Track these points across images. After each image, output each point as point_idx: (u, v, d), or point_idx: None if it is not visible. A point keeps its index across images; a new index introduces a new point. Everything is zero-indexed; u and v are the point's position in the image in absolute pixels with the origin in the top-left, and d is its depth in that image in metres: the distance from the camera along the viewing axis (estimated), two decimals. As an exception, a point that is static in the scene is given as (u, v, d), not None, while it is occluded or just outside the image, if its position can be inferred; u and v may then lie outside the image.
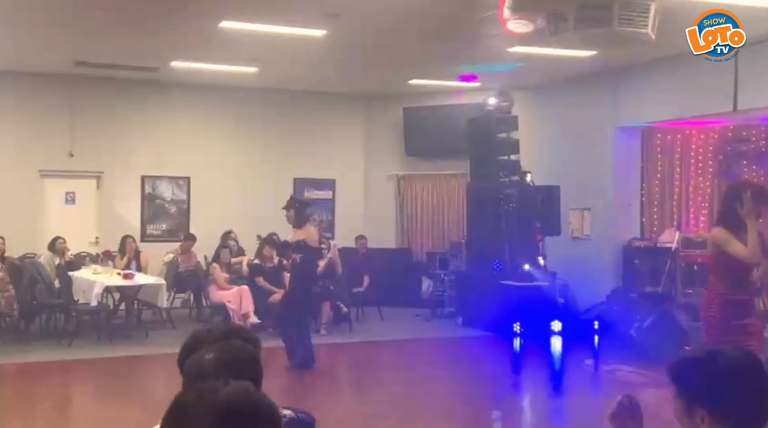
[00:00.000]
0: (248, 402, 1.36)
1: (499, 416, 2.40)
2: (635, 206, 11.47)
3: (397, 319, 11.56)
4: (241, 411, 1.34)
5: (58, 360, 8.50)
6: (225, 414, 1.33)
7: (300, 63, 10.85)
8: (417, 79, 12.11)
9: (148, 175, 12.45)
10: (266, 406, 1.38)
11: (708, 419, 1.91)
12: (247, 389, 1.39)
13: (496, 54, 10.17)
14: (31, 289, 9.53)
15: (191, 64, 10.97)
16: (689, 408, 1.95)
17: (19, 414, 6.46)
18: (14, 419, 6.25)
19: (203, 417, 1.32)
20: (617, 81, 11.03)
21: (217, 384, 1.39)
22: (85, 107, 12.02)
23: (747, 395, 1.92)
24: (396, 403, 7.16)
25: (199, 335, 2.23)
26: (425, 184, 13.54)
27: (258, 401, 1.37)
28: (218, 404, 1.34)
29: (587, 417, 6.60)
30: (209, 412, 1.33)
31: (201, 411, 1.33)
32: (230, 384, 1.38)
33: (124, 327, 10.14)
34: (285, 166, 13.13)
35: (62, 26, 9.04)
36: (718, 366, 1.95)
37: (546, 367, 9.14)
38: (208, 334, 2.21)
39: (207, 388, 1.38)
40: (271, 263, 10.42)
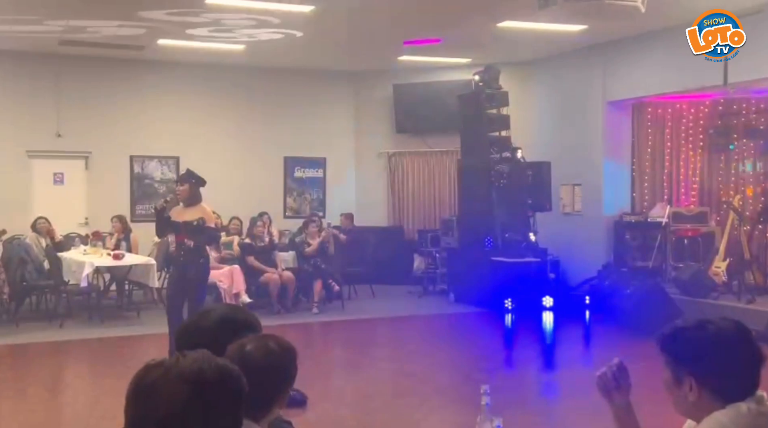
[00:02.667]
0: (213, 367, 1.37)
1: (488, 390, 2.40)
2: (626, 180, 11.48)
3: (389, 297, 11.58)
4: (207, 377, 1.34)
5: (50, 341, 8.48)
6: (193, 382, 1.33)
7: (287, 40, 10.75)
8: (406, 56, 12.03)
9: (137, 154, 12.37)
10: (230, 369, 1.39)
11: (696, 387, 1.92)
12: (207, 355, 1.40)
13: (485, 29, 10.10)
14: (21, 270, 9.48)
15: (178, 42, 10.85)
16: (678, 376, 1.97)
17: (11, 396, 6.45)
18: (6, 400, 6.24)
19: (173, 390, 1.32)
20: (607, 55, 10.99)
21: (177, 357, 1.39)
22: (72, 87, 11.90)
23: (734, 363, 1.93)
24: (389, 380, 7.19)
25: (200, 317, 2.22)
26: (416, 161, 13.50)
27: (222, 365, 1.38)
28: (185, 374, 1.33)
29: (579, 391, 6.65)
30: (179, 384, 1.33)
31: (169, 384, 1.33)
32: (187, 355, 1.39)
33: (115, 308, 10.12)
34: (275, 144, 13.06)
35: (48, 5, 8.91)
36: (707, 334, 1.96)
37: (538, 342, 9.19)
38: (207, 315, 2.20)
39: (168, 363, 1.37)
40: (263, 242, 10.40)
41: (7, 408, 6.00)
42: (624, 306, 9.12)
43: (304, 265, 10.54)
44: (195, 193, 7.45)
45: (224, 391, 1.35)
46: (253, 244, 10.35)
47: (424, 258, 12.36)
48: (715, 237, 10.31)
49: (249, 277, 10.04)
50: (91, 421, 5.74)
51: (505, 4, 8.90)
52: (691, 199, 11.30)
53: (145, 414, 1.33)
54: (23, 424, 5.64)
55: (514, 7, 8.90)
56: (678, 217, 10.76)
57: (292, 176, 13.42)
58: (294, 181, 13.44)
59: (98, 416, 5.81)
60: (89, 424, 5.68)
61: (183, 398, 1.31)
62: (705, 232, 10.55)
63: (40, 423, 5.68)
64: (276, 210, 12.66)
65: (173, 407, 1.31)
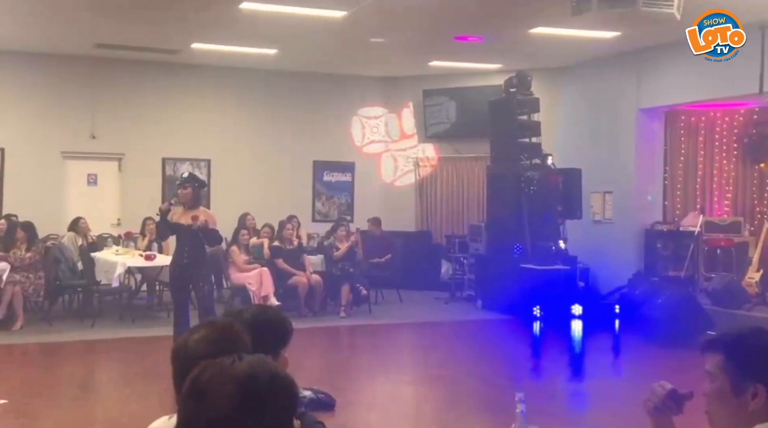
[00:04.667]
0: (266, 372, 1.37)
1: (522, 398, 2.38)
2: (658, 189, 11.35)
3: (417, 302, 11.57)
4: (259, 382, 1.34)
5: (82, 340, 8.60)
6: (245, 386, 1.33)
7: (319, 45, 10.81)
8: (437, 61, 12.03)
9: (169, 157, 12.51)
10: (282, 377, 1.39)
11: (765, 394, 1.89)
12: (263, 360, 1.40)
13: (517, 35, 10.08)
14: (55, 270, 9.63)
15: (212, 46, 10.97)
16: (739, 384, 1.92)
17: (44, 394, 6.55)
18: (39, 398, 6.34)
19: (224, 392, 1.32)
20: (640, 62, 10.89)
21: (232, 359, 1.39)
22: (107, 89, 12.08)
23: None
24: (416, 385, 7.18)
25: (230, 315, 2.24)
26: (445, 166, 13.49)
27: (274, 371, 1.38)
28: (238, 377, 1.34)
29: (608, 401, 6.58)
30: (230, 386, 1.33)
31: (221, 386, 1.33)
32: (245, 358, 1.39)
33: (146, 308, 10.23)
34: (304, 148, 13.13)
35: (84, 8, 9.06)
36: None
37: (566, 351, 9.12)
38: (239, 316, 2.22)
39: (224, 363, 1.38)
40: (291, 245, 10.45)
41: (39, 405, 6.09)
42: (654, 316, 9.01)
43: (332, 269, 10.58)
44: (197, 196, 7.59)
45: (275, 397, 1.35)
46: (282, 247, 10.41)
47: (452, 264, 12.34)
48: (748, 247, 10.16)
49: (277, 280, 10.10)
50: (122, 420, 5.80)
51: (538, 11, 8.87)
52: (725, 209, 11.15)
53: (196, 414, 1.34)
54: (56, 422, 5.72)
55: (548, 13, 8.86)
56: (711, 227, 10.62)
57: (321, 180, 13.48)
58: (323, 185, 13.50)
59: (129, 414, 5.88)
60: (120, 423, 5.75)
61: (233, 400, 1.32)
62: (738, 242, 10.39)
63: (72, 422, 5.76)
64: (305, 213, 12.73)
65: (223, 409, 1.31)
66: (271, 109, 12.95)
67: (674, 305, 8.95)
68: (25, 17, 9.50)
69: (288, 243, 10.45)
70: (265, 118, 12.96)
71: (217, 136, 12.63)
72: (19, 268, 9.06)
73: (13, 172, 11.54)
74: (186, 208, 7.49)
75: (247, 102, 12.84)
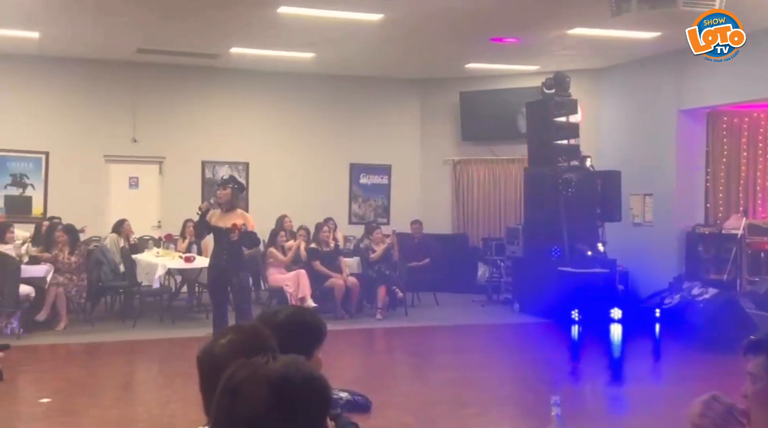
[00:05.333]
0: (299, 373, 1.36)
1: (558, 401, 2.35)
2: (699, 191, 11.16)
3: (453, 305, 11.53)
4: (293, 383, 1.34)
5: (123, 341, 8.76)
6: (278, 386, 1.33)
7: (356, 48, 10.86)
8: (474, 63, 12.00)
9: (208, 160, 12.67)
10: (315, 377, 1.39)
11: None
12: (297, 361, 1.40)
13: (556, 36, 10.00)
14: (97, 272, 9.82)
15: (250, 50, 11.09)
16: None
17: (86, 393, 6.68)
18: (81, 397, 6.47)
19: (257, 391, 1.33)
20: (681, 62, 10.71)
21: (267, 358, 1.39)
22: (148, 94, 12.29)
23: None
24: (452, 388, 7.15)
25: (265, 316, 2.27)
26: (482, 168, 13.43)
27: (308, 372, 1.38)
28: (271, 377, 1.34)
29: (648, 407, 6.49)
30: (263, 386, 1.33)
31: (254, 385, 1.33)
32: (279, 358, 1.39)
33: (185, 309, 10.37)
34: (341, 151, 13.20)
35: (125, 14, 9.23)
36: None
37: (605, 356, 9.01)
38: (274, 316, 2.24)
39: (258, 363, 1.38)
40: (328, 247, 10.50)
41: (82, 404, 6.22)
42: (696, 321, 8.87)
43: (369, 271, 10.61)
44: (235, 198, 7.67)
45: (308, 399, 1.35)
46: (318, 249, 10.47)
47: (489, 267, 12.28)
48: (793, 250, 9.93)
49: (314, 282, 10.16)
50: (163, 419, 5.90)
51: (577, 12, 8.79)
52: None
53: (230, 413, 1.34)
54: (98, 421, 5.83)
55: (587, 14, 8.78)
56: (754, 230, 10.41)
57: (358, 182, 13.53)
58: (359, 188, 13.55)
59: (169, 414, 5.97)
60: (161, 423, 5.84)
61: (265, 401, 1.32)
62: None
63: (113, 421, 5.86)
64: (341, 216, 12.79)
65: (256, 408, 1.32)
66: (308, 111, 13.04)
67: (716, 309, 8.80)
68: (69, 24, 9.72)
69: (324, 245, 10.50)
70: (302, 120, 13.05)
71: (255, 139, 12.77)
72: (63, 270, 9.26)
73: (58, 176, 11.80)
74: (224, 209, 7.58)
75: (284, 105, 12.95)
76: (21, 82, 11.70)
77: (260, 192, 12.66)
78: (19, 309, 8.70)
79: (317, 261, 10.34)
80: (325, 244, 10.51)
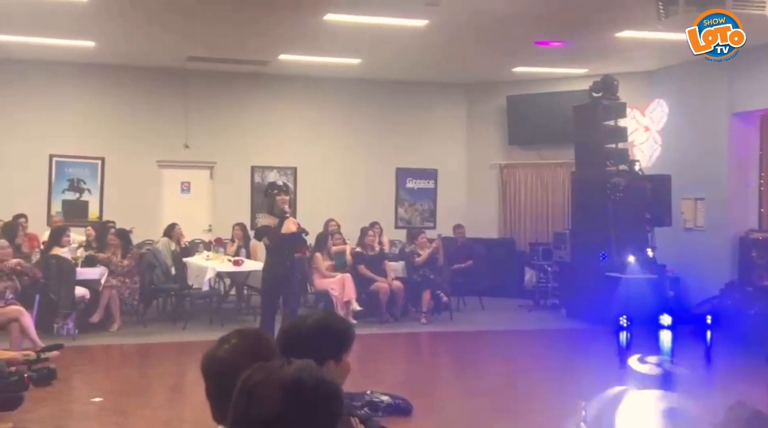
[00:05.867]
0: (312, 378, 1.43)
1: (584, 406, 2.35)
2: (753, 196, 10.89)
3: (499, 310, 11.48)
4: (305, 387, 1.41)
5: (174, 342, 8.97)
6: (291, 390, 1.39)
7: (402, 53, 10.92)
8: (521, 67, 11.94)
9: (258, 165, 12.88)
10: (327, 382, 1.45)
11: None
12: (310, 366, 1.47)
13: (604, 39, 9.90)
14: (149, 274, 10.08)
15: (298, 57, 11.25)
16: None
17: (138, 392, 6.87)
18: (133, 397, 6.66)
19: (272, 395, 1.39)
20: (733, 64, 10.42)
21: (282, 363, 1.46)
22: (199, 100, 12.56)
23: None
24: (496, 394, 7.13)
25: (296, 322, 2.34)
26: (528, 173, 13.35)
27: (320, 377, 1.44)
28: (284, 381, 1.41)
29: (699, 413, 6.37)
30: (276, 389, 1.40)
31: (269, 388, 1.40)
32: (293, 363, 1.45)
33: (234, 311, 10.56)
34: (387, 156, 13.27)
35: (176, 23, 9.48)
36: None
37: (654, 362, 8.85)
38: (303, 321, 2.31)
39: (273, 367, 1.45)
40: (373, 251, 10.57)
41: (133, 404, 6.39)
42: (748, 328, 8.66)
43: (414, 275, 10.64)
44: None
45: (319, 403, 1.41)
46: (364, 253, 10.55)
47: (536, 272, 12.19)
48: None
49: (359, 286, 10.23)
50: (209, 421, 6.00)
51: (624, 15, 8.70)
52: (827, 216, 10.59)
53: (245, 414, 1.41)
54: (148, 421, 5.99)
55: (634, 16, 8.68)
56: (811, 235, 10.10)
57: (404, 187, 13.58)
58: (406, 192, 13.60)
59: (216, 415, 6.09)
60: (208, 424, 5.95)
61: (278, 403, 1.38)
62: (841, 252, 9.85)
63: (163, 421, 6.02)
64: (387, 220, 12.85)
65: (269, 410, 1.38)
66: (354, 117, 13.16)
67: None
68: (122, 33, 10.02)
69: (370, 249, 10.58)
70: (348, 125, 13.17)
71: (302, 144, 12.93)
72: (116, 273, 9.53)
73: (113, 181, 12.15)
74: (281, 215, 7.82)
75: (331, 110, 13.09)
76: (78, 90, 12.09)
77: (307, 196, 12.81)
78: (74, 310, 8.99)
79: (362, 265, 10.43)
80: (371, 248, 10.59)
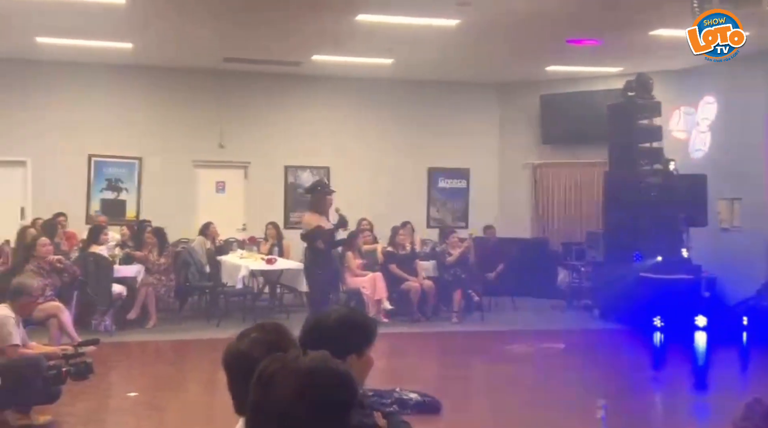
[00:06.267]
0: (326, 368, 1.48)
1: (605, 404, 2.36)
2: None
3: (531, 310, 11.43)
4: (320, 376, 1.46)
5: (208, 339, 9.08)
6: (306, 379, 1.45)
7: (434, 53, 10.94)
8: (554, 66, 11.88)
9: (291, 165, 13.00)
10: (342, 373, 1.49)
11: None
12: (325, 357, 1.51)
13: (638, 38, 9.81)
14: (185, 272, 10.25)
15: (331, 57, 11.34)
16: None
17: (172, 388, 7.01)
18: (168, 392, 6.79)
19: (287, 383, 1.44)
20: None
21: (298, 353, 1.51)
22: (234, 101, 12.72)
23: None
24: (526, 394, 7.12)
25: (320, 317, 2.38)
26: (562, 172, 13.26)
27: (334, 368, 1.49)
28: (300, 370, 1.46)
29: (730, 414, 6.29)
30: (291, 378, 1.45)
31: (285, 378, 1.45)
32: (309, 354, 1.51)
33: (267, 309, 10.68)
34: (419, 155, 13.29)
35: (212, 25, 9.63)
36: None
37: (689, 363, 8.76)
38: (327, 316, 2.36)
39: (289, 357, 1.50)
40: (404, 250, 10.60)
41: (167, 399, 6.52)
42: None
43: (445, 275, 10.65)
44: None
45: (333, 394, 1.46)
46: (395, 252, 10.59)
47: (569, 272, 12.11)
48: None
49: (391, 285, 10.27)
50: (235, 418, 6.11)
51: (659, 13, 8.61)
52: None
53: (262, 403, 1.46)
54: (181, 416, 6.11)
55: (668, 14, 8.59)
56: None
57: (436, 186, 13.59)
58: (438, 192, 13.60)
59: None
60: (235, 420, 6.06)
61: (293, 392, 1.43)
62: None
63: (196, 416, 6.13)
64: (419, 219, 12.86)
65: (284, 399, 1.43)
66: (387, 116, 13.20)
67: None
68: (159, 35, 10.20)
69: (401, 248, 10.62)
70: (381, 125, 13.22)
71: (335, 144, 13.01)
72: (153, 271, 9.71)
73: (150, 180, 12.36)
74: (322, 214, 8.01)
75: (364, 110, 13.16)
76: (116, 91, 12.31)
77: (340, 196, 12.83)
78: (112, 307, 9.19)
79: (393, 264, 10.46)
80: (402, 248, 10.62)
